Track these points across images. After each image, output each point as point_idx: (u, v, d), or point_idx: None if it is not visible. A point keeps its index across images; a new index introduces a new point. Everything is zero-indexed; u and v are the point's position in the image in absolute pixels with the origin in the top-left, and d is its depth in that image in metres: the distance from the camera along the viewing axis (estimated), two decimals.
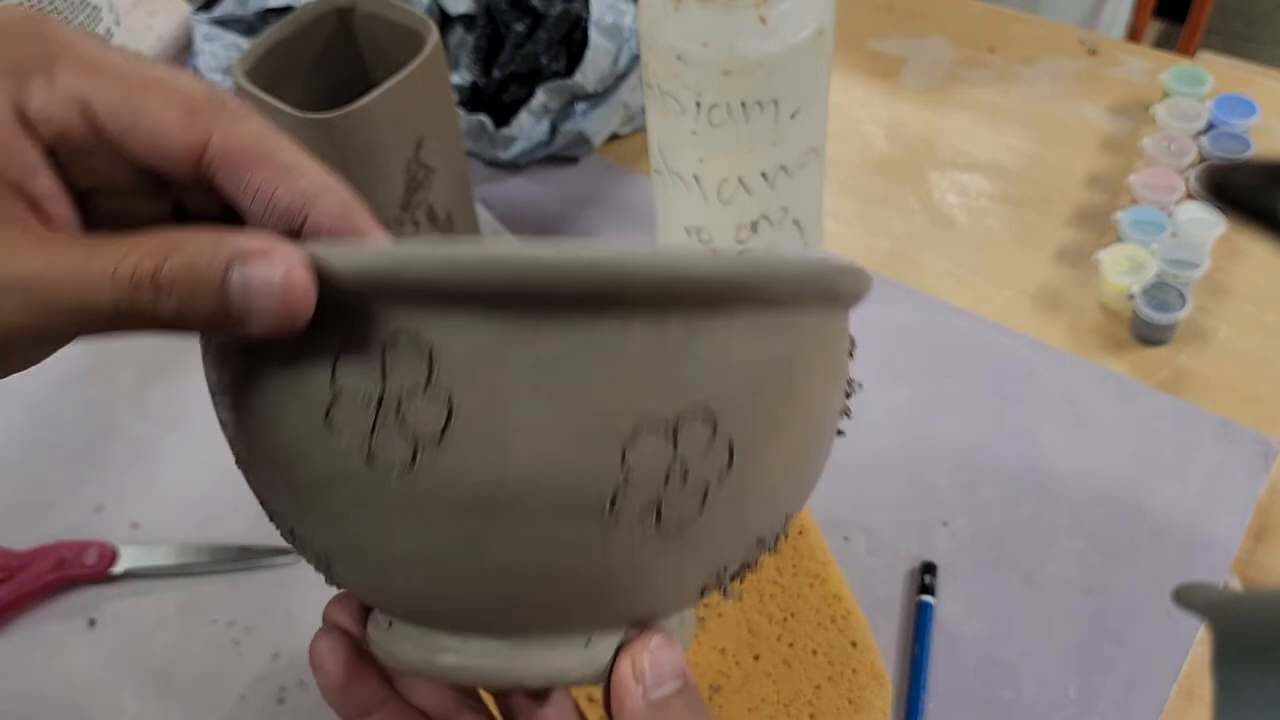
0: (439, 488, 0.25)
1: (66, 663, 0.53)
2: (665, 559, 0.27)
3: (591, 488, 0.25)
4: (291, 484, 0.28)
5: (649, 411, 0.25)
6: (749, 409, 0.26)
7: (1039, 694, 0.48)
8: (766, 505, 0.29)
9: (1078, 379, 0.59)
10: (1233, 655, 0.26)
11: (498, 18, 0.73)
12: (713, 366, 0.26)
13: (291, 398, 0.26)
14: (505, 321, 0.24)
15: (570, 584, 0.27)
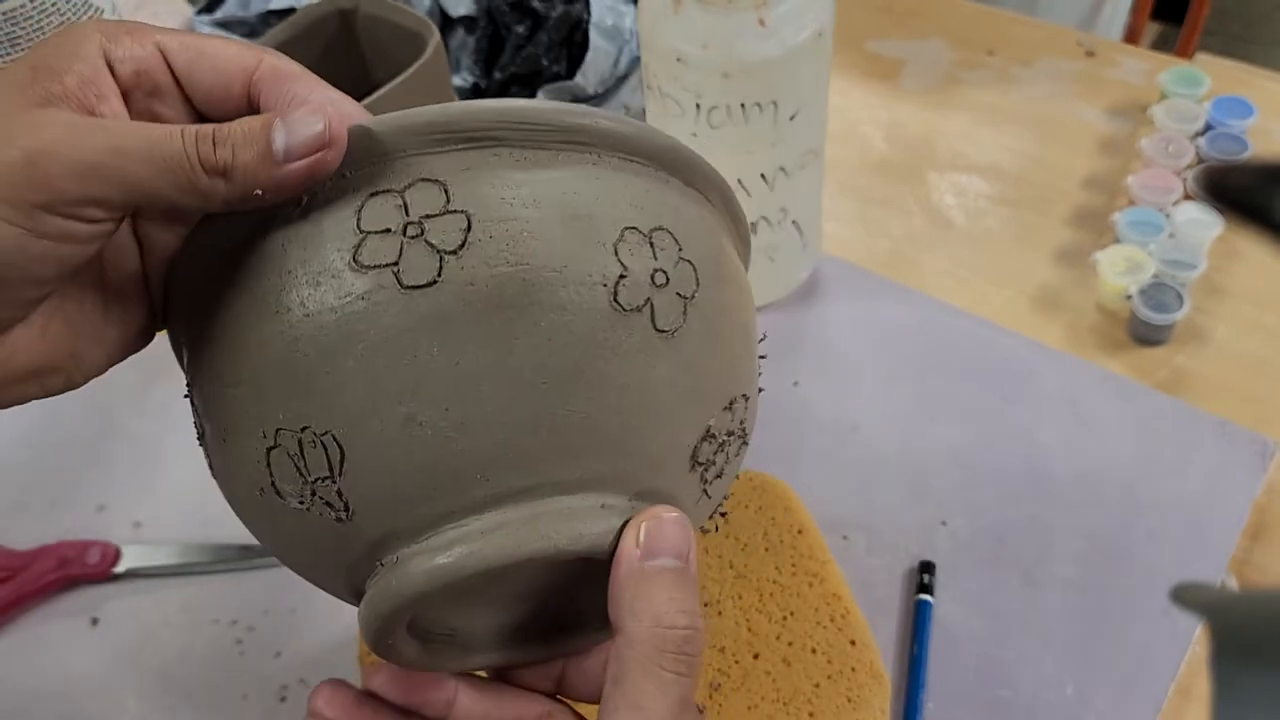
0: (466, 291, 0.28)
1: (69, 662, 0.53)
2: (665, 367, 0.30)
3: (597, 271, 0.29)
4: (306, 358, 0.29)
5: (629, 221, 0.30)
6: (700, 245, 0.32)
7: (1037, 692, 0.49)
8: (728, 356, 0.33)
9: (1076, 379, 0.60)
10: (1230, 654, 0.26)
11: (499, 20, 0.73)
12: (667, 202, 0.32)
13: (302, 258, 0.29)
14: (505, 156, 0.30)
15: (590, 393, 0.29)
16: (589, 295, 0.29)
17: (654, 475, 0.31)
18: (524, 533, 0.29)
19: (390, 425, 0.28)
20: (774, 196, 0.58)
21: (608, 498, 0.30)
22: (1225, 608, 0.28)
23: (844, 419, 0.59)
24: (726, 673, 0.48)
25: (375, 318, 0.28)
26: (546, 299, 0.28)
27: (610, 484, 0.30)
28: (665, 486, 0.32)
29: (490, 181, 0.29)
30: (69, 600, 0.55)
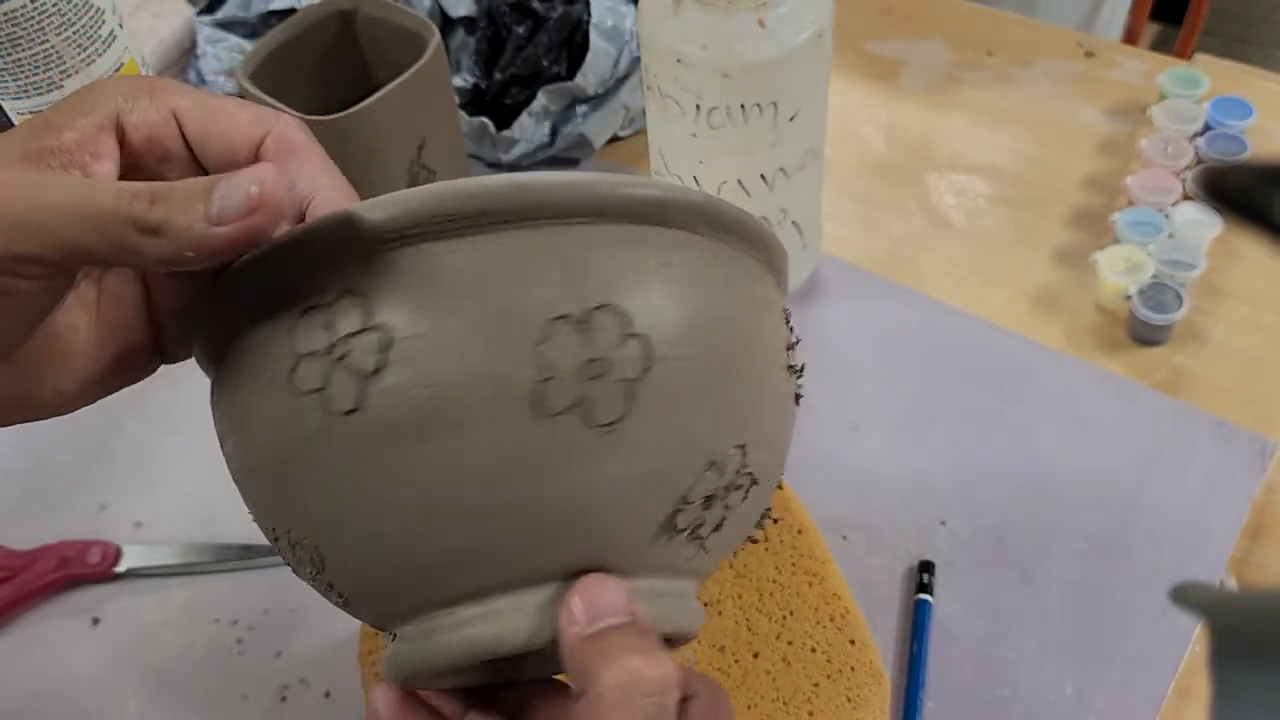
0: (388, 416, 0.28)
1: (69, 662, 0.53)
2: (609, 463, 0.29)
3: (516, 379, 0.28)
4: (273, 472, 0.30)
5: (556, 309, 0.28)
6: (657, 311, 0.29)
7: (1036, 692, 0.49)
8: (706, 419, 0.30)
9: (1075, 379, 0.60)
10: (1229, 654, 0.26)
11: (499, 20, 0.73)
12: (608, 269, 0.29)
13: (262, 373, 0.30)
14: (422, 247, 0.29)
15: (526, 500, 0.29)
16: (507, 407, 0.28)
17: (620, 559, 0.31)
18: (479, 631, 0.30)
19: (350, 536, 0.30)
20: (774, 197, 0.58)
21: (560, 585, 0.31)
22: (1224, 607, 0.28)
23: (844, 419, 0.59)
24: (726, 672, 0.48)
25: (315, 441, 0.29)
26: (466, 418, 0.28)
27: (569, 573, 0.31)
28: (634, 564, 0.31)
29: (414, 286, 0.28)
30: (69, 600, 0.55)
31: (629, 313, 0.29)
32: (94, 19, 0.59)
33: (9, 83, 0.59)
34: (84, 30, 0.59)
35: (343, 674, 0.52)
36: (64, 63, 0.59)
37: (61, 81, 0.60)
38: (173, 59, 0.82)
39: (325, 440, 0.29)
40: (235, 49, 0.79)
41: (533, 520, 0.29)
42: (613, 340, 0.28)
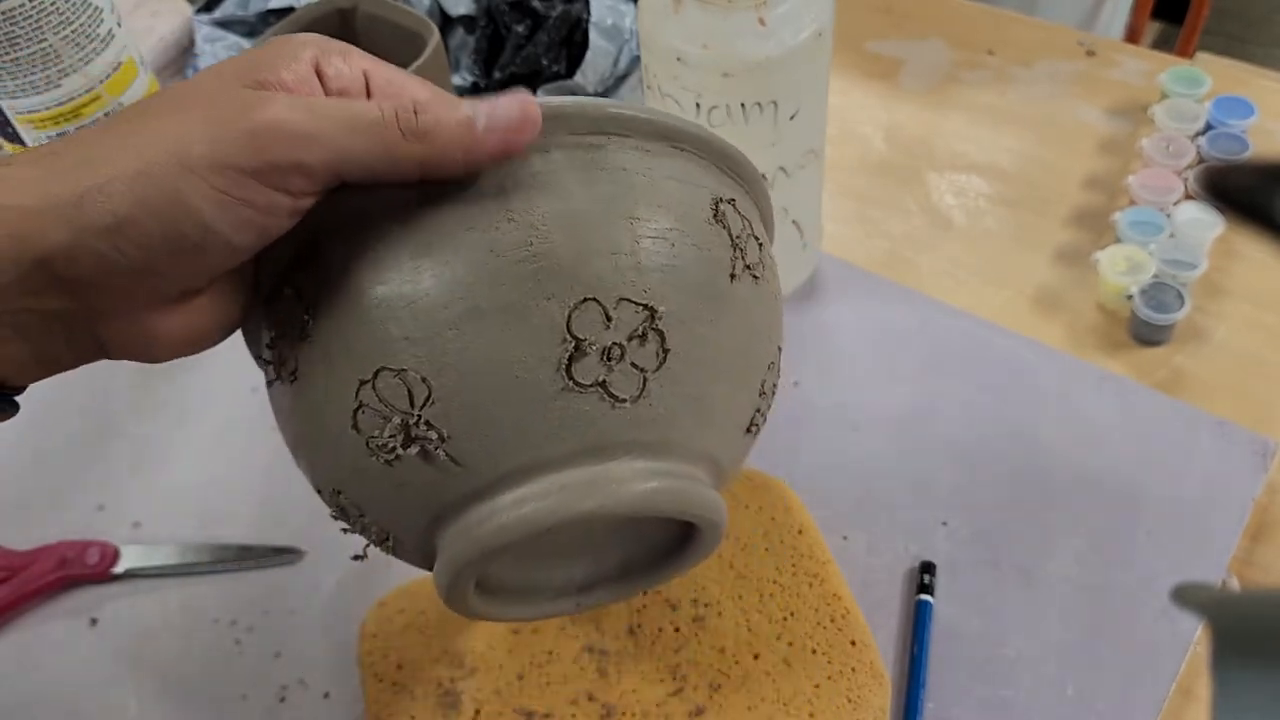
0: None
1: (68, 662, 0.53)
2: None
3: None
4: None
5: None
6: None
7: (1037, 692, 0.49)
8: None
9: (1076, 379, 0.60)
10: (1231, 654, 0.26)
11: (498, 19, 0.73)
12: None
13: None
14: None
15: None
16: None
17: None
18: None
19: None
20: (774, 196, 0.58)
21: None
22: (1226, 608, 0.28)
23: (844, 419, 0.59)
24: (727, 673, 0.48)
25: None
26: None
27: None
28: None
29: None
30: (68, 600, 0.55)
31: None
32: (92, 18, 0.59)
33: (7, 81, 0.59)
34: (82, 29, 0.59)
35: (342, 674, 0.52)
36: (62, 61, 0.59)
37: (59, 80, 0.60)
38: (171, 57, 0.82)
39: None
40: (234, 48, 0.79)
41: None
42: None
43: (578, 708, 0.47)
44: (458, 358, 0.31)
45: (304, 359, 0.34)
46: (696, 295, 0.34)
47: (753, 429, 0.38)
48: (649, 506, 0.33)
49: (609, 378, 0.32)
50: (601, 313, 0.32)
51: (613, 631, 0.50)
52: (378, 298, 0.32)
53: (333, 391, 0.33)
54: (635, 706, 0.47)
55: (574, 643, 0.49)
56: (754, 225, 0.37)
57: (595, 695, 0.48)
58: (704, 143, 0.36)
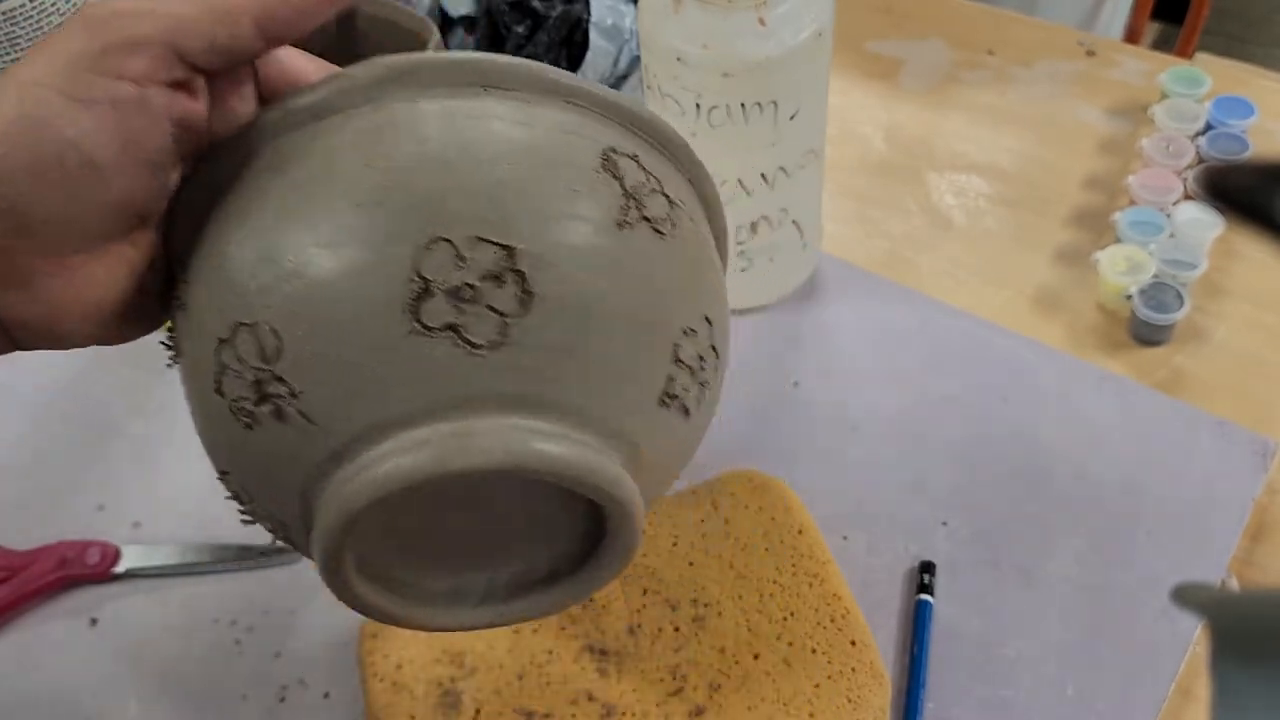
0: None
1: (68, 662, 0.53)
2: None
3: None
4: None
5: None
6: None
7: (1037, 692, 0.49)
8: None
9: (1076, 379, 0.60)
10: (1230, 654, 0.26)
11: (499, 20, 0.73)
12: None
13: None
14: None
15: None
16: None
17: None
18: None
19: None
20: (774, 196, 0.58)
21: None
22: (1225, 608, 0.28)
23: (844, 419, 0.59)
24: (727, 673, 0.48)
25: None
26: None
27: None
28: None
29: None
30: (68, 600, 0.55)
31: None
32: None
33: None
34: None
35: (342, 674, 0.52)
36: None
37: None
38: None
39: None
40: None
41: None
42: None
43: (578, 708, 0.47)
44: (305, 305, 0.30)
45: (182, 332, 0.33)
46: (568, 238, 0.31)
47: (668, 402, 0.34)
48: (520, 465, 0.30)
49: (461, 320, 0.30)
50: (453, 252, 0.30)
51: (613, 631, 0.50)
52: (233, 252, 0.31)
53: (201, 357, 0.32)
54: (635, 706, 0.47)
55: (574, 642, 0.49)
56: (665, 184, 0.35)
57: (595, 695, 0.48)
58: (599, 98, 0.35)
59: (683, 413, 0.35)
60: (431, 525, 0.34)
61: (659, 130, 0.37)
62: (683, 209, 0.36)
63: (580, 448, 0.31)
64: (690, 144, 0.42)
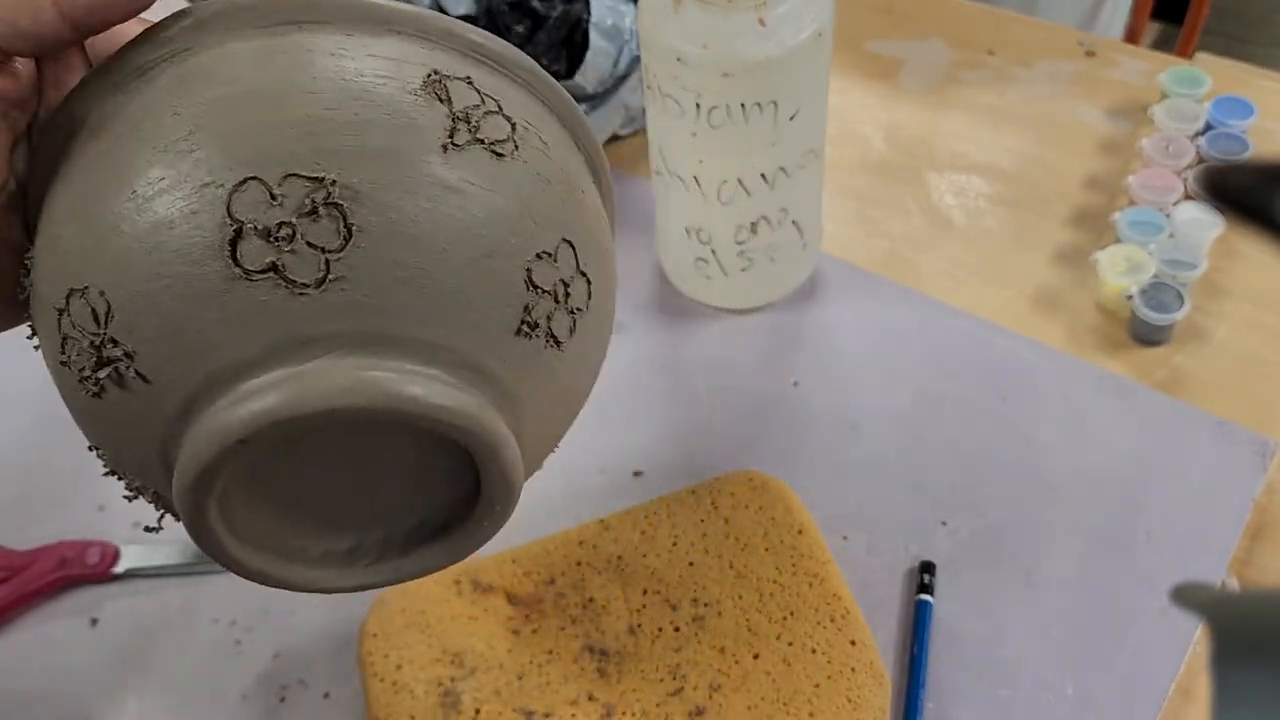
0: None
1: (69, 662, 0.53)
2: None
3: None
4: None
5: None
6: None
7: (1037, 692, 0.49)
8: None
9: (1076, 379, 0.60)
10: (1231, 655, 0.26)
11: (498, 19, 0.73)
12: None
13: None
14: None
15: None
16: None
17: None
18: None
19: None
20: (774, 196, 0.58)
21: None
22: (1226, 608, 0.28)
23: (844, 419, 0.59)
24: (726, 673, 0.48)
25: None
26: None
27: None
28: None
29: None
30: (69, 600, 0.55)
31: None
32: None
33: None
34: None
35: (342, 674, 0.52)
36: None
37: None
38: None
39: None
40: None
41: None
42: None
43: (578, 708, 0.47)
44: (127, 262, 0.29)
45: (34, 308, 0.33)
46: (383, 165, 0.30)
47: (529, 332, 0.33)
48: (363, 404, 0.29)
49: (281, 259, 0.29)
50: (265, 190, 0.29)
51: (613, 631, 0.50)
52: (60, 220, 0.31)
53: (47, 330, 0.32)
54: (635, 706, 0.47)
55: (574, 642, 0.49)
56: (507, 106, 0.34)
57: (595, 695, 0.48)
58: (440, 29, 0.33)
59: (551, 343, 0.33)
60: (306, 483, 0.33)
61: (499, 53, 0.35)
62: (531, 130, 0.34)
63: (428, 381, 0.30)
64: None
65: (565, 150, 0.37)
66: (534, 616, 0.50)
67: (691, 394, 0.61)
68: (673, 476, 0.57)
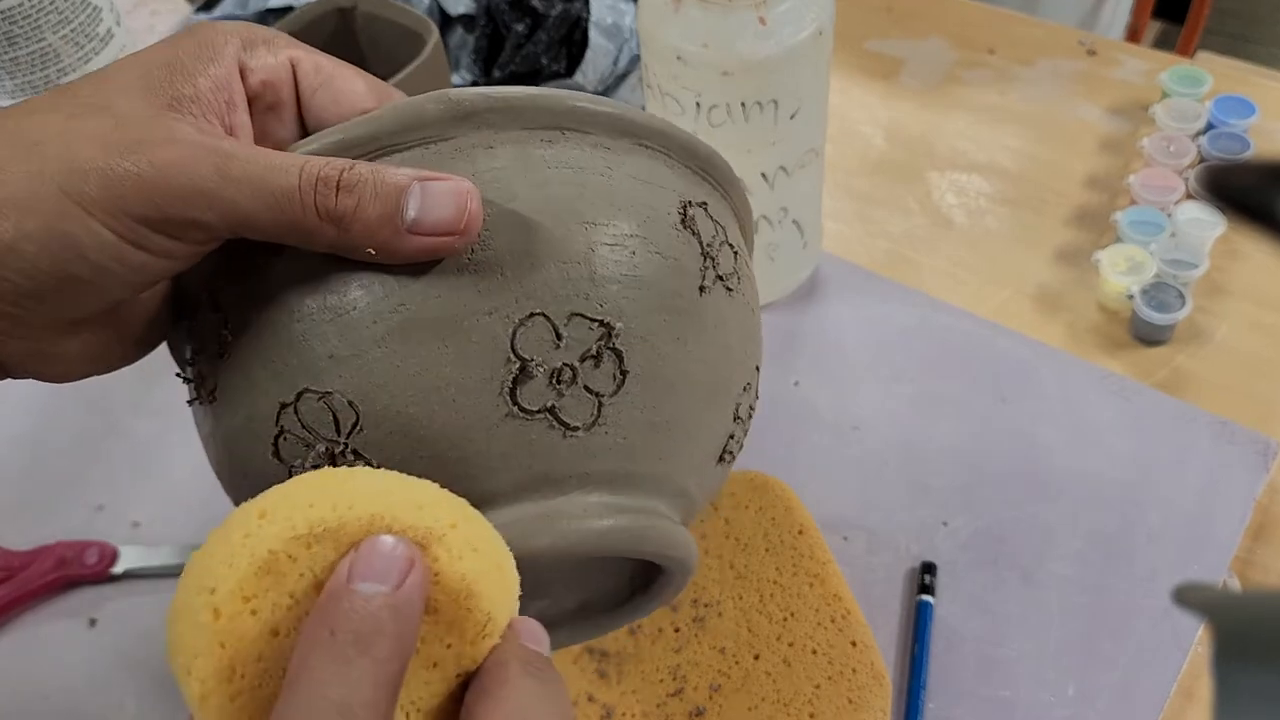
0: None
1: (67, 663, 0.53)
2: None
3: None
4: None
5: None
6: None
7: (1038, 693, 0.48)
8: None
9: (1077, 379, 0.60)
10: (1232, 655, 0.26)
11: (498, 18, 0.73)
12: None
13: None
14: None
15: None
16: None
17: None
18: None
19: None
20: (774, 196, 0.58)
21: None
22: (1227, 608, 0.28)
23: (844, 419, 0.59)
24: (727, 674, 0.48)
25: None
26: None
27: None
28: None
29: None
30: (67, 601, 0.55)
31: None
32: (91, 17, 0.59)
33: (5, 80, 0.59)
34: (81, 28, 0.59)
35: None
36: (61, 60, 0.59)
37: (58, 79, 0.59)
38: None
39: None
40: None
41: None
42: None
43: (577, 708, 0.47)
44: (388, 379, 0.28)
45: (223, 378, 0.31)
46: (660, 310, 0.30)
47: (726, 457, 0.35)
48: (606, 545, 0.30)
49: (559, 403, 0.29)
50: (551, 329, 0.29)
51: (612, 632, 0.49)
52: (301, 311, 0.29)
53: (253, 414, 0.30)
54: (635, 707, 0.47)
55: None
56: (728, 232, 0.34)
57: (595, 696, 0.48)
58: (672, 140, 0.33)
59: (730, 463, 0.35)
60: None
61: (717, 166, 0.35)
62: (742, 255, 0.35)
63: (658, 521, 0.31)
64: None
65: (746, 250, 0.37)
66: None
67: None
68: None
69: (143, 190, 0.27)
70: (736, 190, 0.36)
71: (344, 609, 0.23)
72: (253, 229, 0.28)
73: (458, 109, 0.30)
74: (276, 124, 0.33)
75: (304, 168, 0.28)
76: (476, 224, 0.28)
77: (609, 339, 0.29)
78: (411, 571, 0.24)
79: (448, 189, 0.28)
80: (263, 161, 0.28)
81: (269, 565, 0.24)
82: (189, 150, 0.27)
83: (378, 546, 0.24)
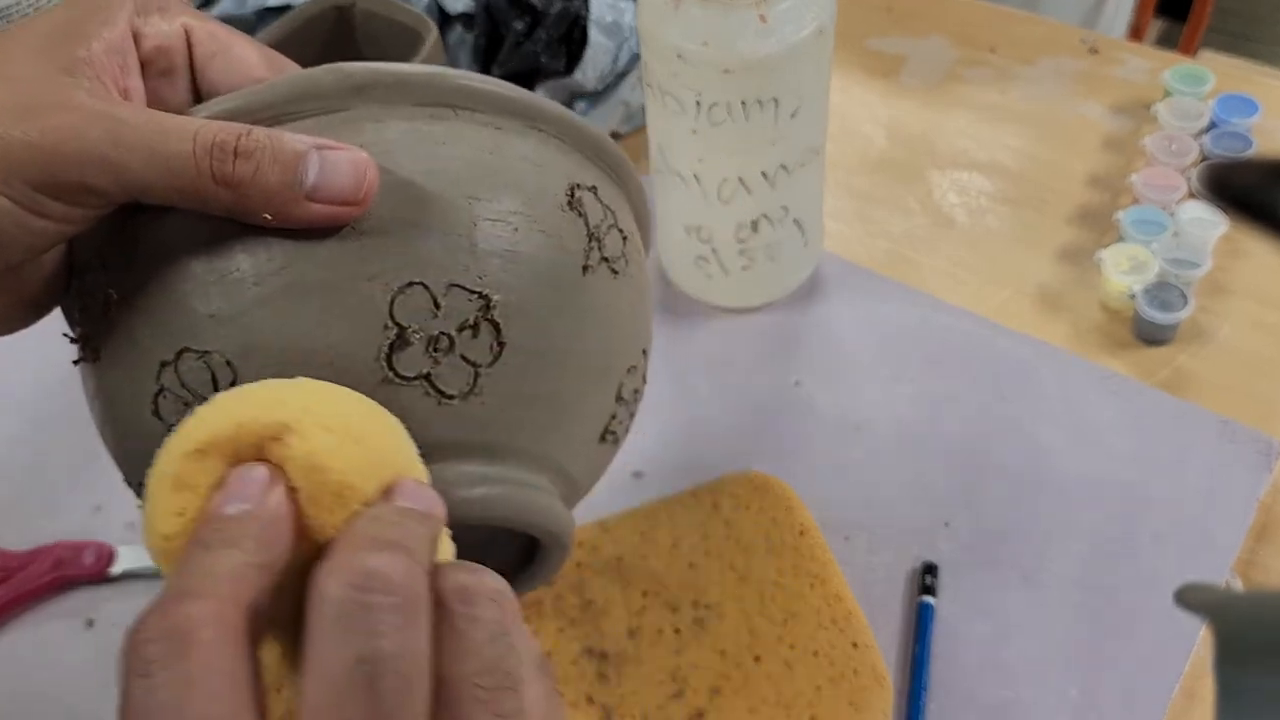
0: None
1: (64, 663, 0.53)
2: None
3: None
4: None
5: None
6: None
7: (1040, 694, 0.48)
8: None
9: (1078, 379, 0.59)
10: (1235, 656, 0.26)
11: (497, 16, 0.73)
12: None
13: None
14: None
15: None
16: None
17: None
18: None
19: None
20: (775, 195, 0.57)
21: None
22: (1229, 609, 0.28)
23: (845, 419, 0.59)
24: (728, 676, 0.48)
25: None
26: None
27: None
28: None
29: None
30: (65, 601, 0.55)
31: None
32: None
33: None
34: None
35: None
36: None
37: None
38: None
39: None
40: None
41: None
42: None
43: (577, 710, 0.47)
44: (267, 339, 0.29)
45: (107, 337, 0.31)
46: (540, 285, 0.31)
47: (608, 438, 0.35)
48: (476, 514, 0.30)
49: (435, 371, 0.29)
50: (430, 298, 0.29)
51: (612, 634, 0.49)
52: (187, 272, 0.30)
53: (134, 373, 0.30)
54: (635, 709, 0.47)
55: (573, 645, 0.49)
56: (619, 216, 0.35)
57: (595, 698, 0.47)
58: (565, 124, 0.34)
59: (615, 444, 0.36)
60: None
61: (610, 152, 0.35)
62: (632, 240, 0.36)
63: (532, 492, 0.32)
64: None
65: (641, 248, 0.38)
66: (532, 618, 0.50)
67: (692, 394, 0.61)
68: (673, 477, 0.56)
69: (36, 157, 0.27)
70: (632, 179, 0.37)
71: (213, 525, 0.25)
72: (148, 194, 0.28)
73: (350, 80, 0.31)
74: (170, 91, 0.33)
75: (198, 133, 0.28)
76: (373, 195, 0.29)
77: (487, 310, 0.30)
78: (271, 488, 0.25)
79: (346, 158, 0.29)
80: (156, 126, 0.28)
81: (178, 482, 0.26)
82: (82, 116, 0.28)
83: (241, 474, 0.25)
